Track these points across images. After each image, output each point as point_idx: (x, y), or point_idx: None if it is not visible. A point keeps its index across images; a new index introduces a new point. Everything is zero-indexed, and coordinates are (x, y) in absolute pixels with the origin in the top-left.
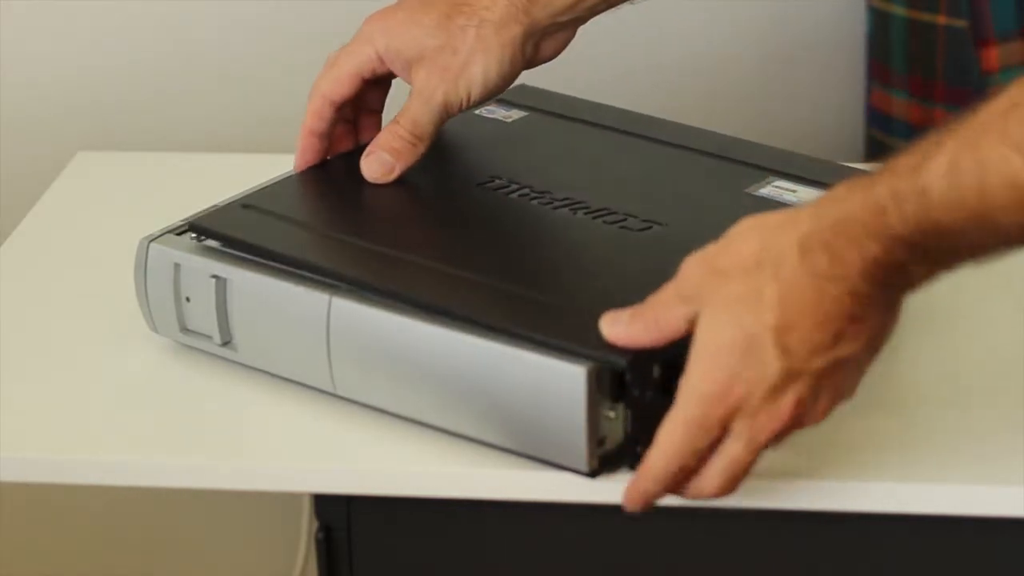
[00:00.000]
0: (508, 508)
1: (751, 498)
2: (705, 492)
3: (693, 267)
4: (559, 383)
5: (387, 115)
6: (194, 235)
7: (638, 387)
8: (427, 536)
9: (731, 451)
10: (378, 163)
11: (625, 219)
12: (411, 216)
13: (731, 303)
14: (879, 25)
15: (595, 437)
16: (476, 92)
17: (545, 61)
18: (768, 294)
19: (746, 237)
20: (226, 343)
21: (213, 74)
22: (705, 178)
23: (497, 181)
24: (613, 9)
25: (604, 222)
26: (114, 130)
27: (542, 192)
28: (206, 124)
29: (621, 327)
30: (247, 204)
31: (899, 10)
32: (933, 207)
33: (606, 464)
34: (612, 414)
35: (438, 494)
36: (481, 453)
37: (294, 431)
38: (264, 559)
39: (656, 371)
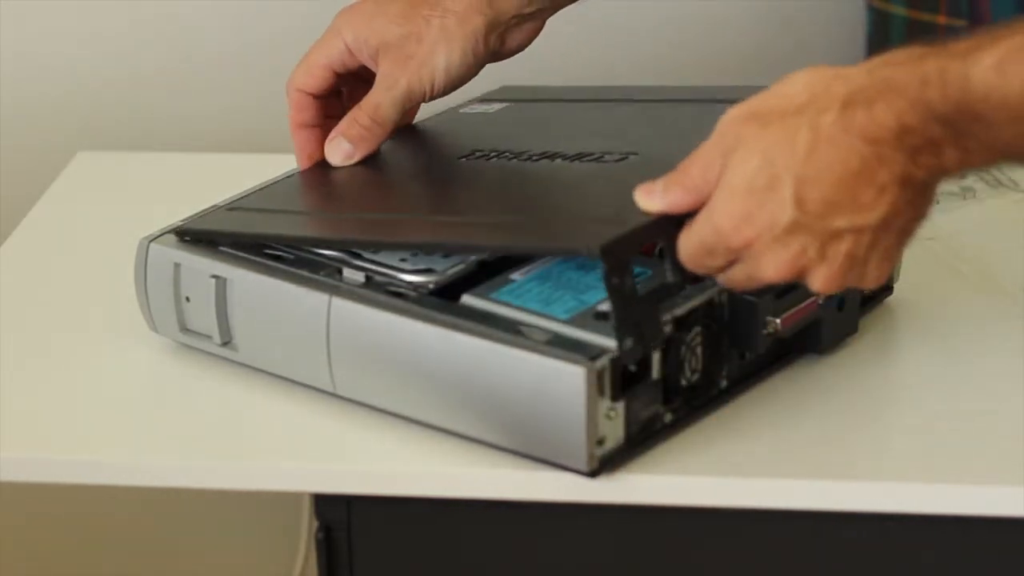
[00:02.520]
0: (508, 508)
1: (751, 498)
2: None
3: (733, 117)
4: (559, 383)
5: None
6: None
7: (618, 275)
8: (427, 536)
9: (733, 273)
10: (338, 148)
11: (601, 156)
12: (398, 192)
13: (766, 145)
14: (879, 25)
15: (595, 437)
16: (439, 81)
17: (513, 53)
18: (801, 141)
19: (795, 82)
20: (226, 343)
21: (213, 74)
22: (677, 114)
23: (478, 153)
24: (593, 2)
25: (581, 162)
26: (114, 130)
27: (520, 152)
28: (206, 124)
29: (656, 197)
30: (233, 207)
31: (899, 10)
32: (975, 95)
33: (606, 464)
34: (612, 414)
35: (438, 494)
36: (481, 453)
37: (294, 431)
38: (264, 559)
39: (656, 359)
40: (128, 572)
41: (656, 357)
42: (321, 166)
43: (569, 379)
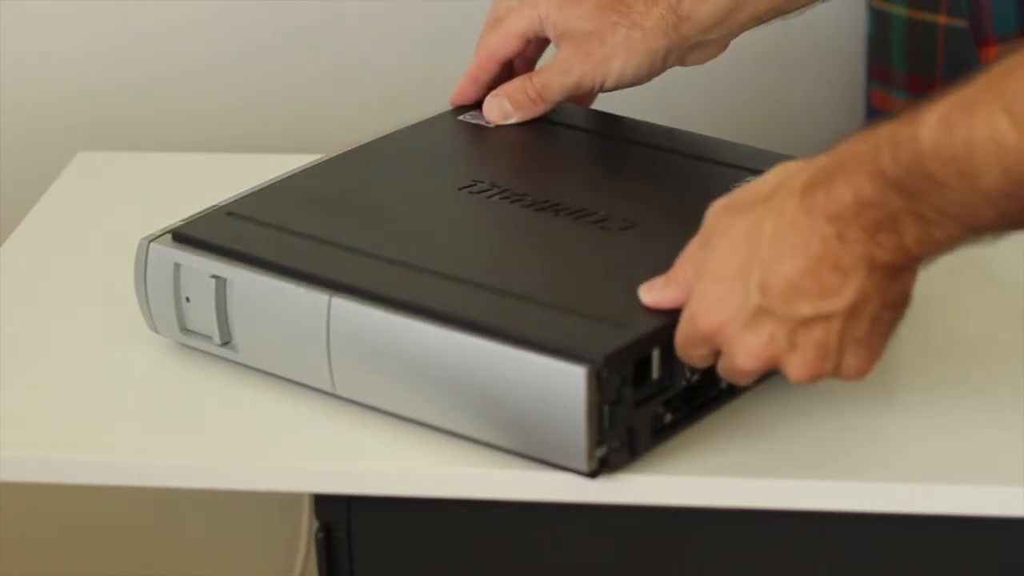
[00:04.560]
0: (508, 508)
1: (751, 498)
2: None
3: (714, 209)
4: (559, 383)
5: None
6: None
7: (616, 383)
8: (427, 536)
9: (721, 363)
10: (499, 107)
11: (604, 220)
12: (395, 220)
13: (736, 233)
14: (879, 25)
15: (595, 437)
16: (610, 83)
17: (692, 65)
18: (766, 228)
19: (767, 175)
20: (226, 343)
21: (213, 74)
22: (684, 178)
23: (478, 185)
24: None
25: (584, 223)
26: (114, 130)
27: (522, 195)
28: (205, 124)
29: (657, 293)
30: (231, 211)
31: (899, 10)
32: (924, 154)
33: (606, 464)
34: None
35: (438, 494)
36: (481, 453)
37: (294, 431)
38: (264, 559)
39: (656, 359)
40: (128, 572)
41: (656, 357)
42: (333, 164)
43: (569, 379)
